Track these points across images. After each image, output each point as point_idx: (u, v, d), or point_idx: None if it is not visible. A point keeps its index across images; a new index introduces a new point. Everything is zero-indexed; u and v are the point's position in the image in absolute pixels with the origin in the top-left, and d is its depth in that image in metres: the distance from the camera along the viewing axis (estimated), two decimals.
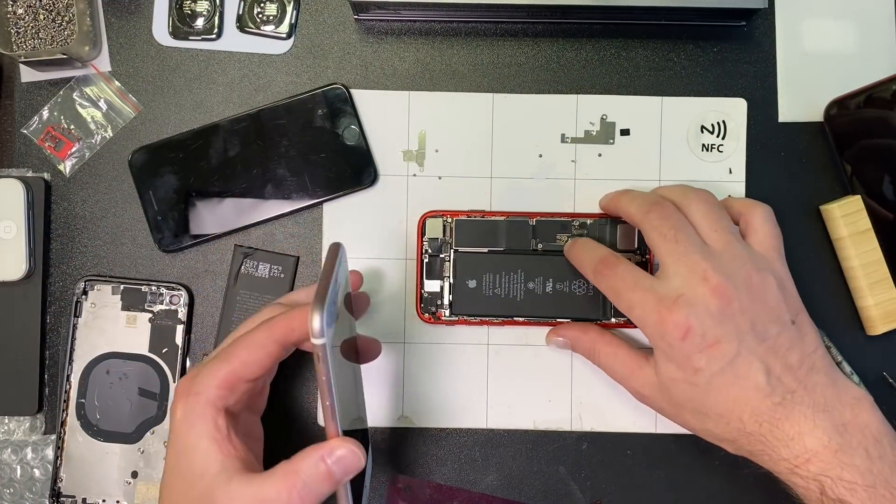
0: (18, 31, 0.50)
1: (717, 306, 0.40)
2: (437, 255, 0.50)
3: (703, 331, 0.40)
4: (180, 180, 0.50)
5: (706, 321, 0.40)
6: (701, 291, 0.40)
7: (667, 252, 0.42)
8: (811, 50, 0.52)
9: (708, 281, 0.40)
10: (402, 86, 0.52)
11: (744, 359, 0.40)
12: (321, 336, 0.34)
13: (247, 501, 0.37)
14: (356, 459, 0.37)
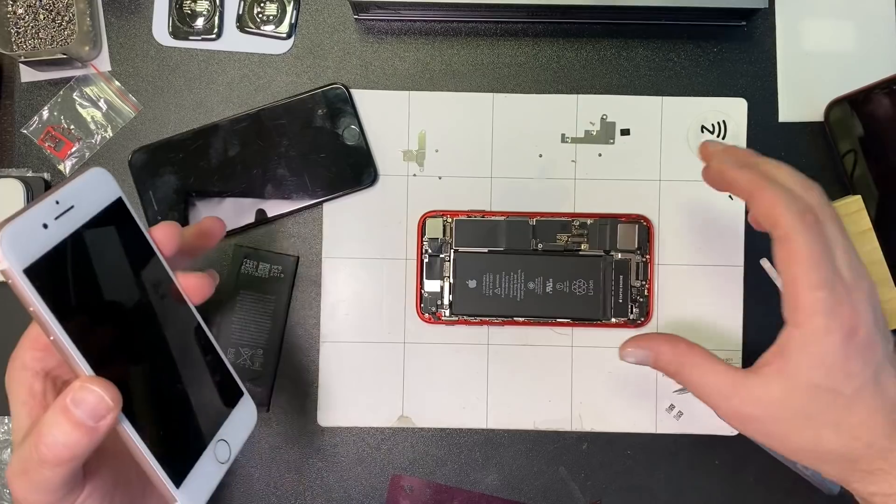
0: (18, 31, 0.50)
1: (873, 304, 0.37)
2: (437, 255, 0.50)
3: (868, 331, 0.36)
4: (180, 180, 0.50)
5: (869, 321, 0.36)
6: (865, 284, 0.37)
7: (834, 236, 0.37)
8: (811, 50, 0.52)
9: (865, 276, 0.37)
10: (402, 86, 0.52)
11: (886, 365, 0.36)
12: (1, 260, 0.29)
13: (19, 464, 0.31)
14: (100, 403, 0.30)
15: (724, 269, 0.51)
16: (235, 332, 0.50)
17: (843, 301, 0.36)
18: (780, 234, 0.37)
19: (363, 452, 0.51)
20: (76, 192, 0.32)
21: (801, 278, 0.36)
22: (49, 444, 0.30)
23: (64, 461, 0.30)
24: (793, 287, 0.36)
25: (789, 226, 0.36)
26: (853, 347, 0.36)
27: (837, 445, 0.37)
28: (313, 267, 0.51)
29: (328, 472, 0.51)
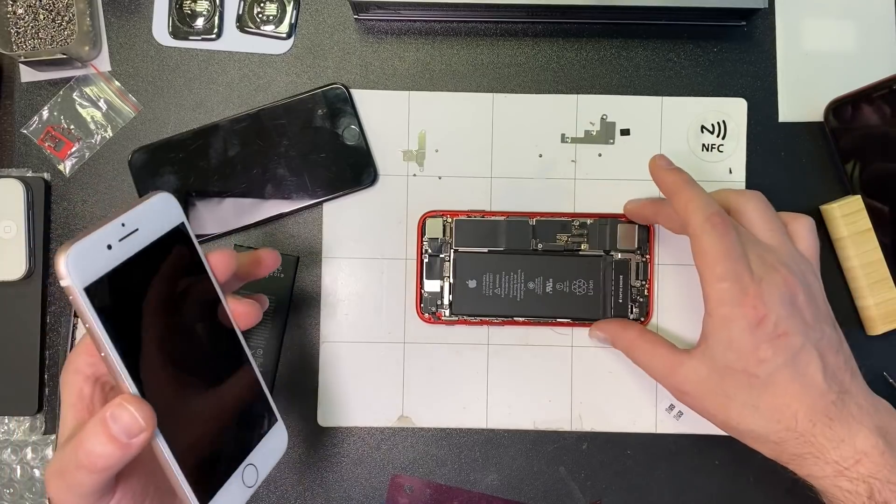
0: (18, 31, 0.50)
1: (789, 297, 0.40)
2: (437, 255, 0.50)
3: (777, 320, 0.39)
4: (180, 180, 0.50)
5: (780, 311, 0.39)
6: (776, 278, 0.40)
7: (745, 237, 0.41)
8: (811, 50, 0.52)
9: (778, 270, 0.40)
10: (402, 86, 0.52)
11: (806, 353, 0.39)
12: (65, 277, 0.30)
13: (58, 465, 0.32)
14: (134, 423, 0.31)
15: None
16: None
17: (749, 292, 0.39)
18: (691, 233, 0.42)
19: (363, 452, 0.51)
20: (142, 215, 0.33)
21: (707, 271, 0.41)
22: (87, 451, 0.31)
23: (98, 470, 0.31)
24: (702, 280, 0.41)
25: (697, 225, 0.41)
26: (761, 334, 0.39)
27: (759, 426, 0.40)
28: (313, 267, 0.51)
29: (328, 472, 0.51)
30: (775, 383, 0.39)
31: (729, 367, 0.40)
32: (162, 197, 0.34)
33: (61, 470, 0.32)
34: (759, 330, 0.39)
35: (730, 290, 0.40)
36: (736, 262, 0.40)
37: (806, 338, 0.40)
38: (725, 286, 0.40)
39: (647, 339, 0.46)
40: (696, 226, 0.41)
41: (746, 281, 0.39)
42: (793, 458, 0.40)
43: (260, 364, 0.50)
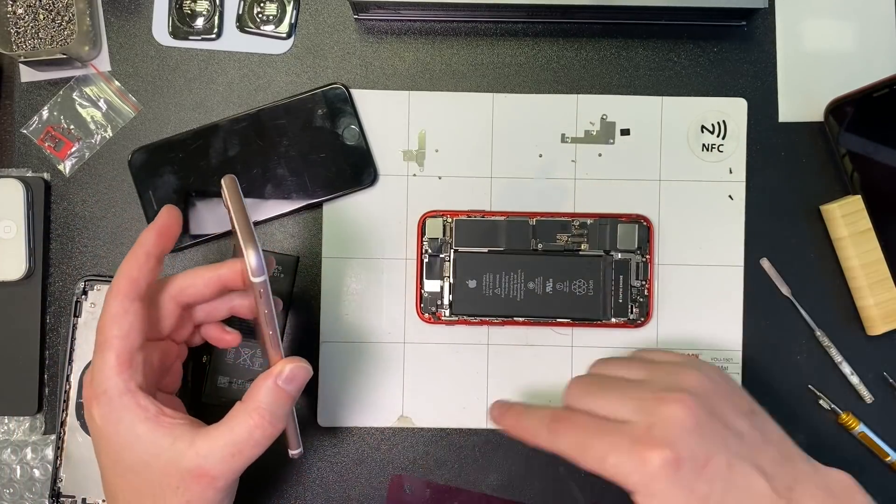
0: (18, 31, 0.50)
1: (689, 418, 0.36)
2: (437, 255, 0.50)
3: (692, 453, 0.35)
4: (180, 180, 0.50)
5: (689, 441, 0.36)
6: (666, 412, 0.36)
7: (603, 405, 0.38)
8: (811, 50, 0.52)
9: (664, 399, 0.37)
10: (402, 86, 0.52)
11: (738, 467, 0.36)
12: (262, 273, 0.34)
13: (221, 451, 0.38)
14: (304, 371, 0.40)
15: (724, 269, 0.51)
16: None
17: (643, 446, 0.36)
18: (561, 454, 0.39)
19: (363, 452, 0.51)
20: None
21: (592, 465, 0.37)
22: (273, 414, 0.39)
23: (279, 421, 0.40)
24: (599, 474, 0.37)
25: (549, 445, 0.39)
26: (686, 477, 0.35)
27: None
28: (313, 267, 0.51)
29: (328, 472, 0.51)
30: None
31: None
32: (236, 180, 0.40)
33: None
34: (680, 474, 0.35)
35: (621, 463, 0.36)
36: (605, 434, 0.37)
37: (730, 454, 0.36)
38: (612, 461, 0.36)
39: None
40: (548, 446, 0.39)
41: (631, 440, 0.36)
42: None
43: (260, 364, 0.50)
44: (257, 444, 0.39)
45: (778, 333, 0.51)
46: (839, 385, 0.51)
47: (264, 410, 0.39)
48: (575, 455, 0.38)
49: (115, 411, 0.38)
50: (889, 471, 0.51)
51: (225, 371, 0.50)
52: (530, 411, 0.41)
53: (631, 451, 0.36)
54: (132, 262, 0.40)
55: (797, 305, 0.51)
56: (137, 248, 0.40)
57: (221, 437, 0.38)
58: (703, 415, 0.37)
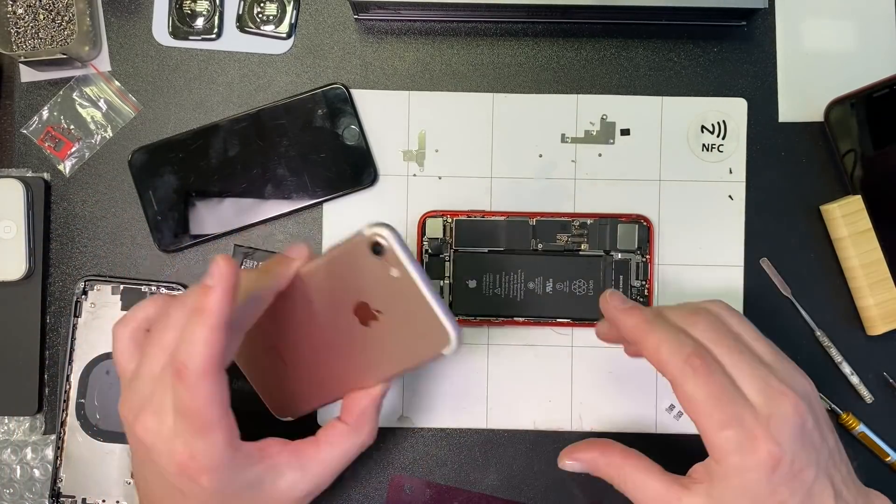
0: (18, 31, 0.50)
1: (799, 427, 0.36)
2: (437, 255, 0.50)
3: (792, 459, 0.35)
4: (180, 180, 0.50)
5: (795, 448, 0.36)
6: (785, 408, 0.36)
7: (733, 367, 0.37)
8: (811, 50, 0.52)
9: (785, 395, 0.36)
10: (402, 86, 0.52)
11: (819, 484, 0.36)
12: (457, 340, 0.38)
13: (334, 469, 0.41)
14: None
15: (724, 269, 0.51)
16: None
17: (757, 434, 0.35)
18: (670, 379, 0.38)
19: (363, 452, 0.51)
20: None
21: (703, 421, 0.36)
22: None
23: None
24: (699, 428, 0.37)
25: (676, 371, 0.37)
26: (777, 479, 0.35)
27: None
28: None
29: None
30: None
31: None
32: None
33: None
34: (775, 475, 0.35)
35: (736, 438, 0.35)
36: (732, 404, 0.36)
37: (818, 467, 0.36)
38: (730, 434, 0.36)
39: (635, 466, 0.40)
40: (675, 372, 0.37)
41: (751, 423, 0.36)
42: None
43: None
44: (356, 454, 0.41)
45: (778, 333, 0.51)
46: (839, 385, 0.51)
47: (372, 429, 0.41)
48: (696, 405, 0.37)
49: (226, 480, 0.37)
50: (889, 471, 0.51)
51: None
52: (665, 329, 0.38)
53: (749, 433, 0.35)
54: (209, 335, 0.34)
55: (797, 305, 0.51)
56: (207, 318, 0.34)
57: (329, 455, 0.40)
58: (809, 423, 0.36)
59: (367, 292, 0.38)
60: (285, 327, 0.41)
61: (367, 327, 0.39)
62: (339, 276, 0.39)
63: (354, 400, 0.41)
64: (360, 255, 0.37)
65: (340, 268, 0.38)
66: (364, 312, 0.39)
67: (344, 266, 0.38)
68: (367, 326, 0.39)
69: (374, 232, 0.36)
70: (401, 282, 0.37)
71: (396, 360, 0.40)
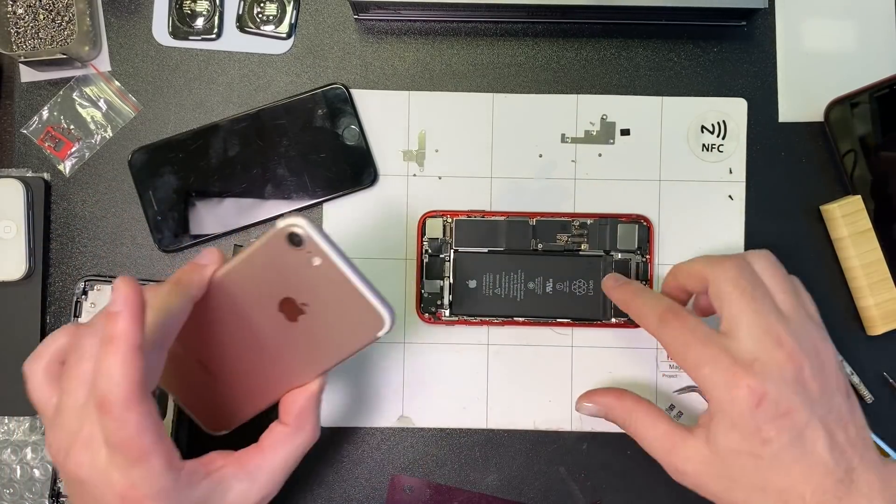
0: (18, 31, 0.50)
1: (792, 373, 0.38)
2: (437, 255, 0.50)
3: (778, 398, 0.37)
4: (180, 180, 0.50)
5: (782, 389, 0.37)
6: (777, 356, 0.38)
7: (744, 308, 0.39)
8: (811, 50, 0.52)
9: (783, 346, 0.38)
10: (402, 86, 0.52)
11: (813, 430, 0.37)
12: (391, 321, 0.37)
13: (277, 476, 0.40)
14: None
15: None
16: None
17: (737, 371, 0.38)
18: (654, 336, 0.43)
19: (363, 452, 0.51)
20: None
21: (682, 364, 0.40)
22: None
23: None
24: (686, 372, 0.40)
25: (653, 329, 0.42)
26: (762, 415, 0.37)
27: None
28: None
29: (328, 472, 0.51)
30: (781, 464, 0.37)
31: (733, 449, 0.38)
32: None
33: None
34: (759, 411, 0.37)
35: (712, 375, 0.38)
36: (708, 346, 0.39)
37: (812, 413, 0.37)
38: (706, 372, 0.39)
39: (645, 412, 0.43)
40: (652, 329, 0.42)
41: (727, 362, 0.38)
42: None
43: None
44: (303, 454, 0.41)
45: None
46: None
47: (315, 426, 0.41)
48: (674, 351, 0.41)
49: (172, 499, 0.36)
50: None
51: None
52: (646, 295, 0.44)
53: (727, 370, 0.38)
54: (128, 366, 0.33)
55: None
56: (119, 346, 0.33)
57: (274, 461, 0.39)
58: (804, 376, 0.38)
59: (291, 286, 0.37)
60: (209, 337, 0.39)
61: (296, 322, 0.38)
62: (259, 275, 0.37)
63: (292, 399, 0.40)
64: (278, 250, 0.36)
65: (259, 266, 0.37)
66: (290, 308, 0.38)
67: (262, 263, 0.37)
68: (295, 322, 0.38)
69: (290, 223, 0.36)
70: (324, 270, 0.36)
71: (330, 351, 0.39)
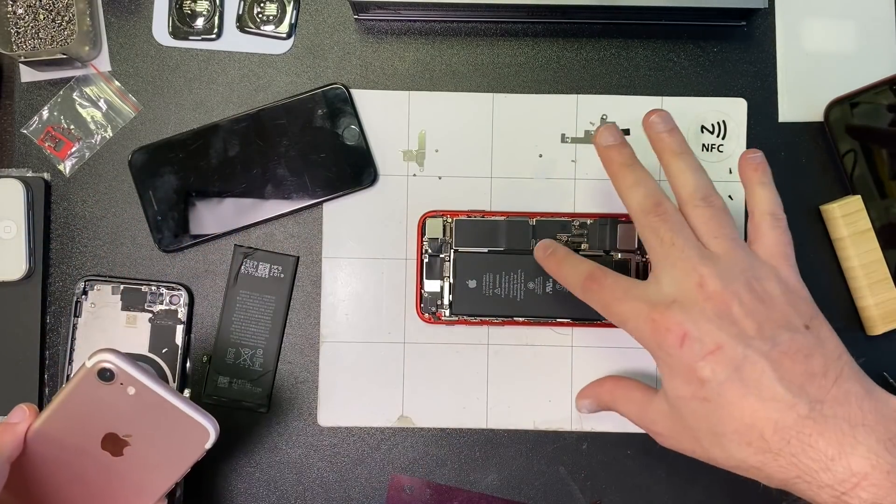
0: (18, 31, 0.50)
1: (715, 311, 0.37)
2: (437, 255, 0.50)
3: (701, 335, 0.37)
4: (180, 180, 0.50)
5: (703, 325, 0.37)
6: (696, 296, 0.37)
7: (661, 256, 0.39)
8: (811, 50, 0.52)
9: (704, 287, 0.37)
10: (402, 86, 0.52)
11: (752, 364, 0.36)
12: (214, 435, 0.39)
13: None
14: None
15: None
16: (235, 332, 0.50)
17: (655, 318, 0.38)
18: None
19: (363, 452, 0.51)
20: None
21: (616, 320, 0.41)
22: None
23: None
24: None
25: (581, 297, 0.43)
26: (689, 353, 0.37)
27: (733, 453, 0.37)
28: (313, 267, 0.51)
29: (328, 472, 0.51)
30: (728, 402, 0.36)
31: (679, 395, 0.38)
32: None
33: None
34: (685, 350, 0.37)
35: (637, 327, 0.39)
36: (624, 301, 0.40)
37: (747, 347, 0.36)
38: (631, 326, 0.40)
39: (621, 386, 0.45)
40: (580, 297, 0.43)
41: (645, 311, 0.38)
42: (786, 484, 0.36)
43: (260, 364, 0.50)
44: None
45: None
46: None
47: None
48: (604, 314, 0.42)
49: None
50: None
51: (225, 371, 0.50)
52: (570, 262, 0.44)
53: (647, 318, 0.38)
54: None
55: None
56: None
57: None
58: (732, 313, 0.37)
59: (111, 421, 0.38)
60: (37, 488, 0.39)
61: (122, 456, 0.39)
62: (76, 417, 0.38)
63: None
64: (91, 388, 0.38)
65: (75, 408, 0.38)
66: (113, 443, 0.39)
67: (78, 405, 0.38)
68: (121, 456, 0.39)
69: (98, 360, 0.37)
70: (141, 397, 0.38)
71: (163, 475, 0.39)
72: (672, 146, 0.43)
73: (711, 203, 0.41)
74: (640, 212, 0.41)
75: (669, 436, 0.40)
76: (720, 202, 0.41)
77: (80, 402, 0.38)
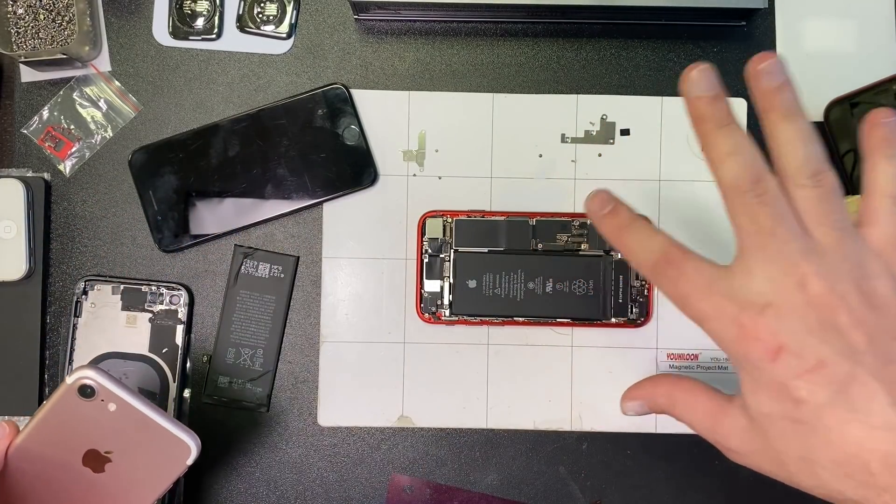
0: (18, 31, 0.50)
1: (818, 320, 0.31)
2: (437, 255, 0.50)
3: (800, 350, 0.31)
4: (180, 180, 0.50)
5: (803, 337, 0.31)
6: (796, 301, 0.31)
7: (756, 245, 0.32)
8: (811, 50, 0.52)
9: (805, 289, 0.31)
10: (402, 86, 0.52)
11: (861, 384, 0.30)
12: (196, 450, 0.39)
13: None
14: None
15: None
16: (235, 331, 0.50)
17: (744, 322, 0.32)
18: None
19: (363, 452, 0.51)
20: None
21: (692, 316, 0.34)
22: None
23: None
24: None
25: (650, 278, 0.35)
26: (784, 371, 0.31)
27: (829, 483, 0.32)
28: (313, 267, 0.51)
29: (328, 472, 0.51)
30: (828, 428, 0.31)
31: (765, 413, 0.32)
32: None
33: None
34: (778, 364, 0.31)
35: (720, 331, 0.32)
36: (707, 295, 0.33)
37: (857, 364, 0.30)
38: (711, 327, 0.33)
39: (682, 388, 0.37)
40: (646, 275, 0.35)
41: (732, 312, 0.32)
42: None
43: (260, 364, 0.50)
44: None
45: None
46: None
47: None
48: (675, 304, 0.34)
49: None
50: None
51: (225, 371, 0.50)
52: (638, 232, 0.36)
53: (733, 322, 0.32)
54: None
55: None
56: None
57: None
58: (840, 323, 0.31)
59: (92, 438, 0.38)
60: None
61: (103, 473, 0.39)
62: (57, 434, 0.38)
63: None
64: (72, 405, 0.38)
65: (55, 425, 0.38)
66: (95, 460, 0.39)
67: (59, 422, 0.38)
68: (102, 472, 0.39)
69: (78, 376, 0.37)
70: (122, 413, 0.38)
71: (145, 491, 0.39)
72: (782, 106, 0.35)
73: (821, 182, 0.33)
74: (734, 189, 0.33)
75: (746, 454, 0.34)
76: (831, 181, 0.33)
77: (61, 418, 0.38)
